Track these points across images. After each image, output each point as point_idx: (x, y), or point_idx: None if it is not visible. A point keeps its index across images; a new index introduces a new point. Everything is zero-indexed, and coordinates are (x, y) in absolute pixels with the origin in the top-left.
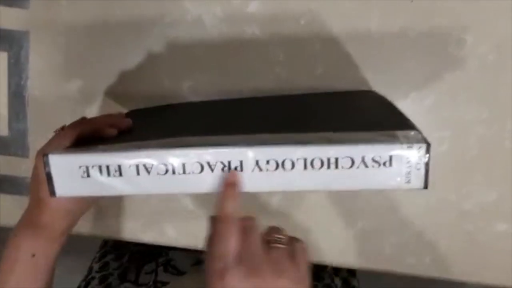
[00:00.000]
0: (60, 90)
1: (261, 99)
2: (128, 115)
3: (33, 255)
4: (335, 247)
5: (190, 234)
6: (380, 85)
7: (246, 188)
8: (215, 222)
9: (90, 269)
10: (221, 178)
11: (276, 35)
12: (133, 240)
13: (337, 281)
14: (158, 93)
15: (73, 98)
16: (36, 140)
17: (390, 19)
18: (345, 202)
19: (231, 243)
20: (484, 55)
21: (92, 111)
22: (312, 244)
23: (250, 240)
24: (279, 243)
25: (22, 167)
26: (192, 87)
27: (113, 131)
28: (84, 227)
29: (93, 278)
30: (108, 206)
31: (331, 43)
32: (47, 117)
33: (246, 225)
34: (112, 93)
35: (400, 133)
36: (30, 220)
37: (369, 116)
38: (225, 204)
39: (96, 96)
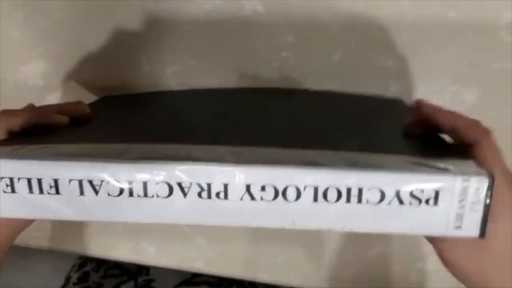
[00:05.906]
0: (18, 74)
1: (261, 92)
2: (96, 103)
3: None
4: (345, 272)
5: (172, 253)
6: (411, 76)
7: (230, 221)
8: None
9: (68, 279)
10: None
11: (283, 13)
12: (104, 257)
13: None
14: (136, 79)
15: (34, 84)
16: None
17: None
18: None
19: None
20: None
21: (56, 99)
22: (317, 270)
23: None
24: None
25: None
26: (177, 74)
27: (61, 118)
28: (43, 240)
29: None
30: None
31: (352, 23)
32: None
33: None
34: (80, 78)
35: (449, 160)
36: None
37: (404, 134)
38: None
39: (62, 81)
